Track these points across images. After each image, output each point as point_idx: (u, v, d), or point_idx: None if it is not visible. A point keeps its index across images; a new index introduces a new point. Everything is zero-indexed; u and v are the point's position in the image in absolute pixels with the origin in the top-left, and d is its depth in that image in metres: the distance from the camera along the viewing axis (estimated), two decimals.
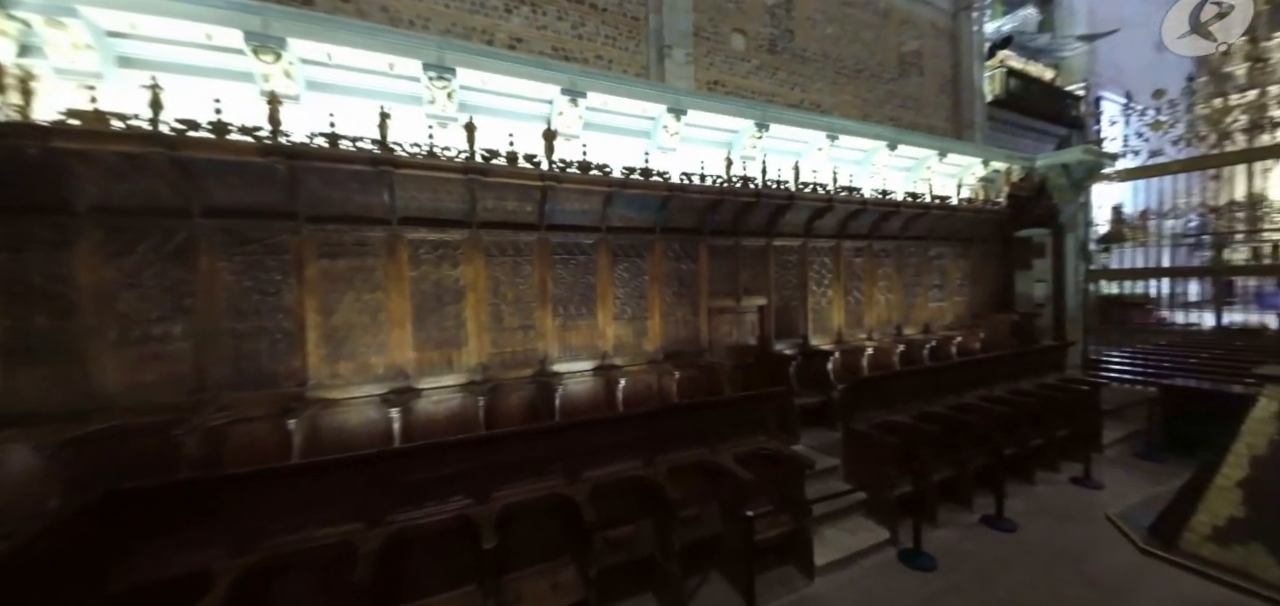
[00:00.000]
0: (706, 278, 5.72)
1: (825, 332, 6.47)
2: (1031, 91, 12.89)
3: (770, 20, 9.61)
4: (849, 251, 6.63)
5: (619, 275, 5.23)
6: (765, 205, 5.69)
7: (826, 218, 6.16)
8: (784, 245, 6.26)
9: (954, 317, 7.39)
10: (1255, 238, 8.06)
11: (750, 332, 6.12)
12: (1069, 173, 7.24)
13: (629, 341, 5.24)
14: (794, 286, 6.32)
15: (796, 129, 6.53)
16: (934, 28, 12.69)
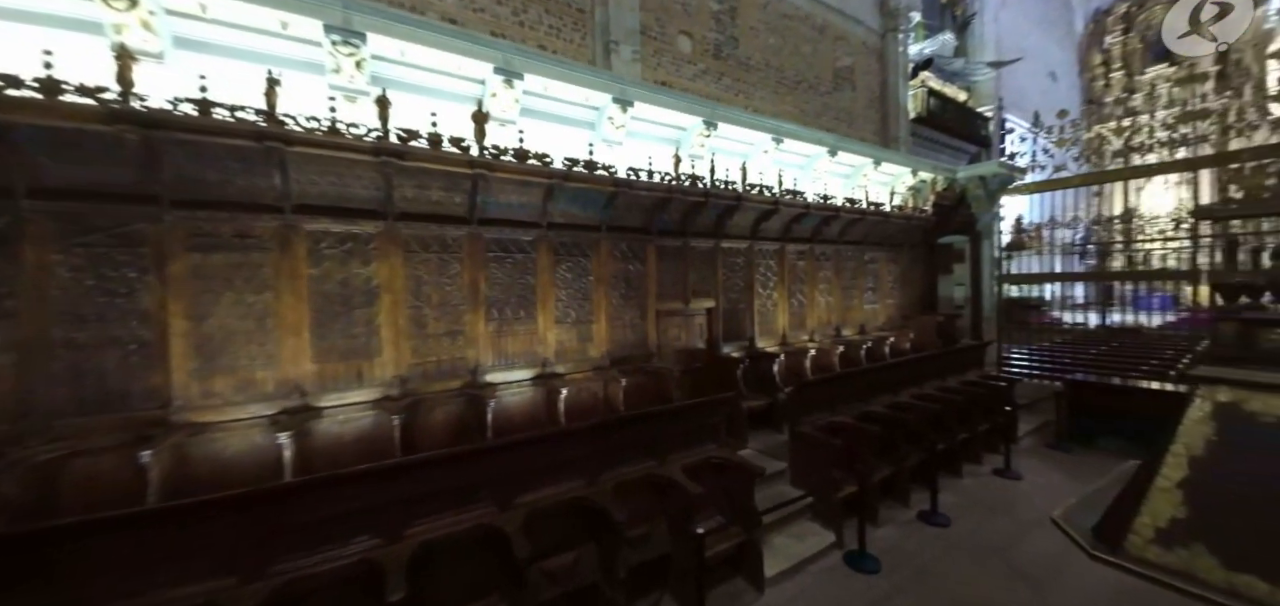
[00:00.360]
0: (655, 279, 5.47)
1: (770, 335, 6.44)
2: (948, 110, 13.93)
3: (716, 25, 9.60)
4: (793, 254, 6.65)
5: (562, 275, 4.83)
6: (714, 205, 5.53)
7: (772, 220, 6.13)
8: (731, 247, 6.15)
9: (886, 319, 7.67)
10: (1129, 247, 9.09)
11: (699, 336, 5.94)
12: (986, 184, 7.75)
13: (572, 347, 4.86)
14: (741, 289, 6.23)
15: (743, 130, 6.46)
16: (865, 46, 13.34)
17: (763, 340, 6.31)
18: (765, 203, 5.86)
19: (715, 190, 5.44)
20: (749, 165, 6.05)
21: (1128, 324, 11.48)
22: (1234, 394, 2.15)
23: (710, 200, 5.35)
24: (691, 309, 5.81)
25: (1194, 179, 7.87)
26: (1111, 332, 11.38)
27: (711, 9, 9.52)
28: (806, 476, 4.63)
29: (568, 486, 3.32)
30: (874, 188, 7.75)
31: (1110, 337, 11.04)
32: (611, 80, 5.67)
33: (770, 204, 5.88)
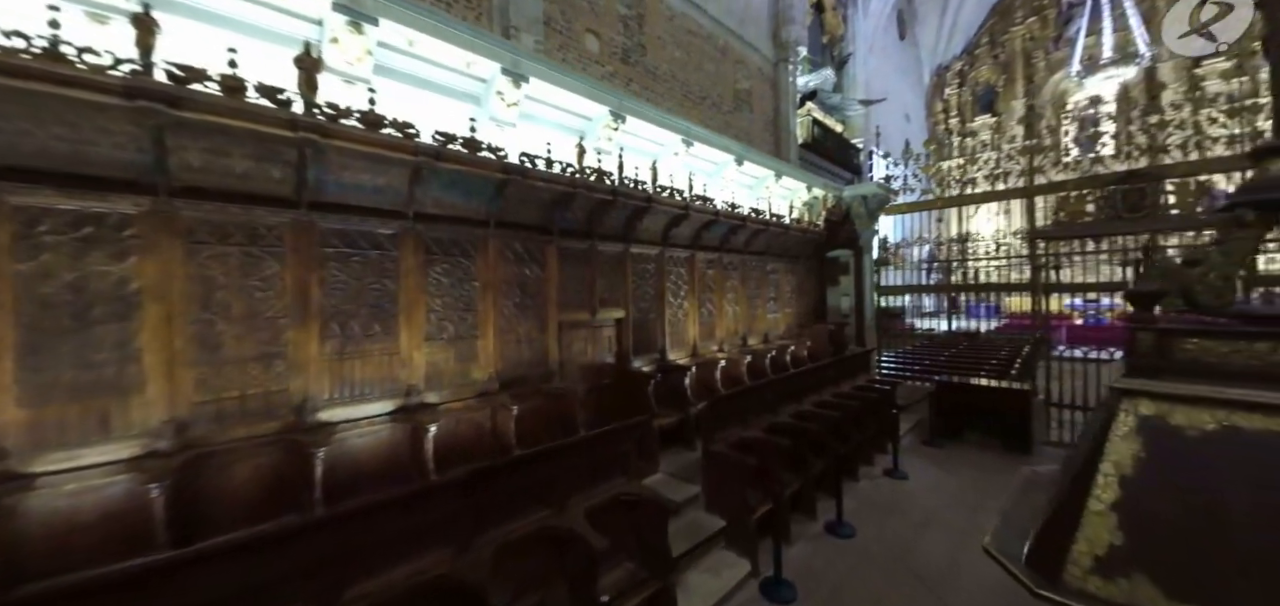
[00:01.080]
0: (556, 286, 4.69)
1: (681, 346, 6.00)
2: (829, 139, 15.14)
3: (624, 30, 9.16)
4: (703, 263, 6.33)
5: (436, 280, 3.84)
6: (623, 206, 4.94)
7: (683, 226, 5.72)
8: (642, 253, 5.61)
9: (786, 328, 7.74)
10: (964, 264, 10.44)
11: (608, 350, 5.28)
12: (867, 203, 8.25)
13: (450, 369, 3.88)
14: (652, 298, 5.71)
15: (653, 129, 6.00)
16: (760, 73, 13.93)
17: (674, 352, 5.85)
18: (676, 207, 5.42)
19: (624, 188, 4.86)
20: (659, 168, 5.59)
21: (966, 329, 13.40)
22: (1157, 407, 2.01)
23: (619, 199, 4.75)
24: (599, 320, 5.14)
25: (1008, 207, 9.16)
26: (957, 337, 13.16)
27: (619, 12, 9.08)
28: (721, 499, 4.20)
29: (430, 559, 2.42)
30: (775, 201, 7.82)
31: (957, 341, 12.71)
32: (500, 46, 4.81)
33: (681, 208, 5.45)
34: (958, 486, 5.50)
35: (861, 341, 8.30)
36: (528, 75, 4.85)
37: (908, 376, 8.32)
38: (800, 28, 14.25)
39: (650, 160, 5.60)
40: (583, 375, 4.91)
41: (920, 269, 10.22)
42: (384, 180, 3.54)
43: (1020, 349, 11.29)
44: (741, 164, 7.06)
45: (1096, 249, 6.55)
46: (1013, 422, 6.37)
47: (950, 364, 8.70)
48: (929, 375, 8.00)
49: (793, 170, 8.46)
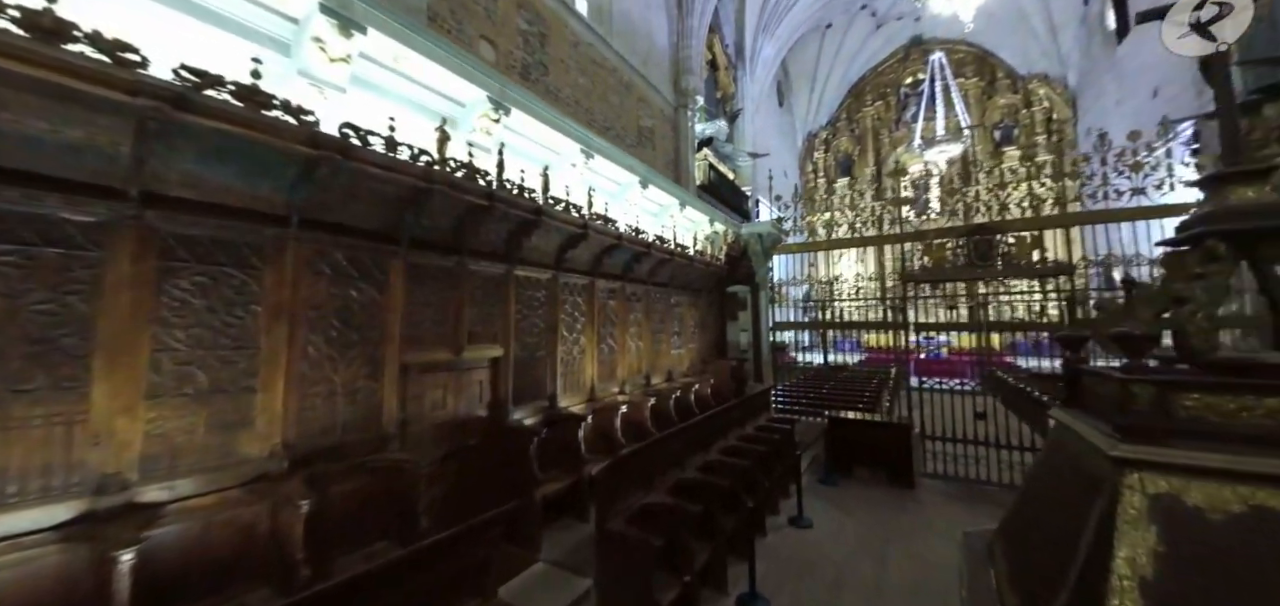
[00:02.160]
0: (402, 314, 3.39)
1: (576, 390, 4.97)
2: (724, 184, 15.68)
3: (524, 45, 8.23)
4: (603, 292, 5.44)
5: (180, 301, 2.36)
6: (504, 215, 3.86)
7: (581, 248, 4.78)
8: (530, 277, 4.53)
9: (690, 364, 7.16)
10: (832, 303, 11.17)
11: (478, 399, 4.03)
12: (762, 241, 8.21)
13: (196, 443, 2.37)
14: (542, 332, 4.62)
15: (548, 133, 5.03)
16: (663, 115, 13.95)
17: (567, 397, 4.79)
18: (573, 224, 4.49)
19: (506, 194, 3.80)
20: (554, 179, 4.64)
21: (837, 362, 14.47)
22: (1169, 482, 1.54)
23: (496, 206, 3.66)
24: (468, 360, 3.90)
25: (864, 254, 9.90)
26: (833, 369, 14.08)
27: (520, 26, 8.15)
28: (620, 593, 3.19)
29: None
30: (679, 231, 7.33)
31: (833, 374, 13.54)
32: None
33: (579, 226, 4.53)
34: (859, 531, 5.18)
35: (759, 377, 8.08)
36: (363, 24, 3.59)
37: (799, 410, 8.26)
38: (698, 78, 14.67)
39: (544, 166, 4.63)
40: (438, 436, 3.61)
41: (799, 307, 10.63)
42: (82, 132, 2.06)
43: (885, 380, 12.36)
44: (646, 187, 6.44)
45: (932, 293, 7.38)
46: (896, 457, 6.42)
47: (833, 397, 8.93)
48: (818, 409, 8.01)
49: (696, 203, 8.12)
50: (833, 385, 11.26)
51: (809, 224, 9.60)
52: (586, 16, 10.91)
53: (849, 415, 7.27)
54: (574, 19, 9.73)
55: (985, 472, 6.24)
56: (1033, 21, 17.07)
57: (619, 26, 11.88)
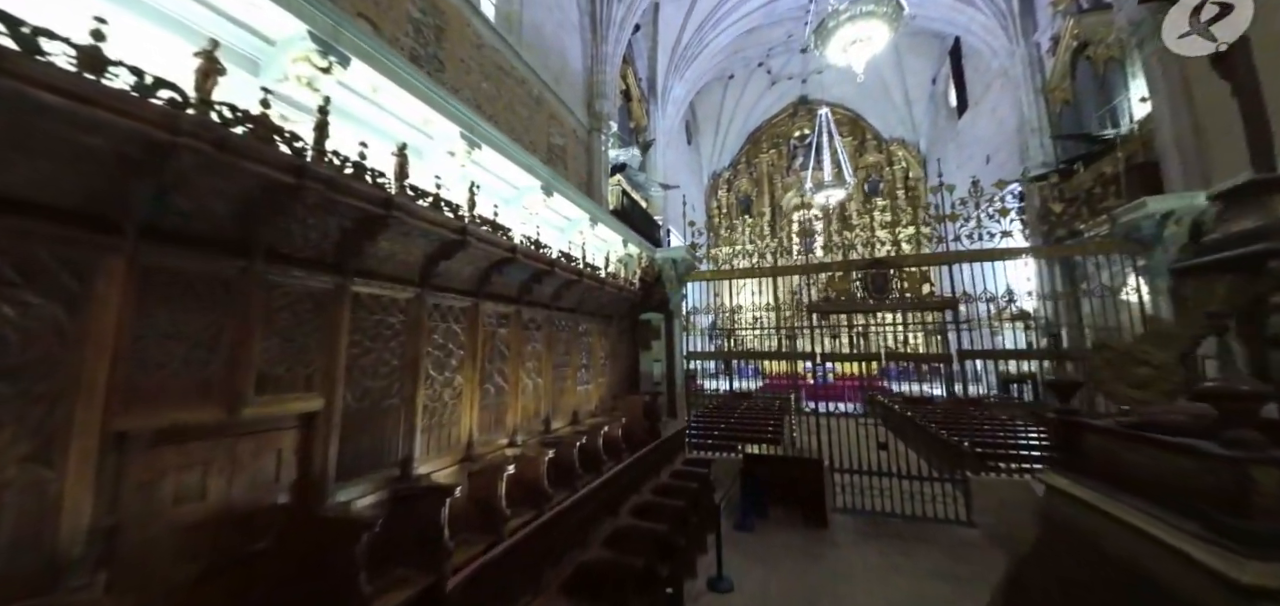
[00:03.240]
0: (115, 349, 1.95)
1: (446, 448, 3.68)
2: (636, 211, 15.28)
3: (415, 34, 6.91)
4: (492, 317, 4.26)
5: None
6: (329, 203, 2.59)
7: (459, 260, 3.60)
8: (380, 295, 3.23)
9: (599, 401, 6.16)
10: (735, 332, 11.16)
11: (274, 478, 2.60)
12: (676, 267, 7.67)
13: None
14: (395, 370, 3.31)
15: (411, 104, 3.78)
16: (575, 136, 13.19)
17: (430, 460, 3.48)
18: (447, 227, 3.31)
19: (332, 171, 2.55)
20: (425, 169, 3.45)
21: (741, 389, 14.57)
22: None
23: (310, 186, 2.40)
24: (256, 419, 2.49)
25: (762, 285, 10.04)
26: (737, 397, 14.09)
27: (410, 11, 6.84)
28: None
29: None
30: (590, 250, 6.41)
31: (738, 401, 13.49)
32: None
33: (454, 231, 3.37)
34: (783, 589, 4.57)
35: (673, 411, 7.36)
36: None
37: (713, 443, 7.69)
38: (613, 104, 14.25)
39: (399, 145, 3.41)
40: (190, 545, 2.15)
41: (706, 334, 10.38)
42: None
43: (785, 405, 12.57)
44: (550, 196, 5.42)
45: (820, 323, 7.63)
46: (810, 494, 6.06)
47: (743, 427, 8.59)
48: (730, 443, 7.51)
49: (610, 220, 7.28)
50: (740, 414, 11.09)
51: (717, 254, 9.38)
52: (494, 22, 9.86)
53: (762, 450, 6.86)
54: (479, 20, 8.63)
55: (890, 504, 6.14)
56: (893, 94, 19.88)
57: (530, 38, 10.97)
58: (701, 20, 17.29)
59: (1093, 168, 9.64)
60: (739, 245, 7.41)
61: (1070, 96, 10.81)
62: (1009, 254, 5.74)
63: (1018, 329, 12.15)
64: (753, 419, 9.91)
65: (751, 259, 7.48)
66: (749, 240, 18.58)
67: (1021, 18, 12.51)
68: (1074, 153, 10.13)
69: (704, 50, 17.95)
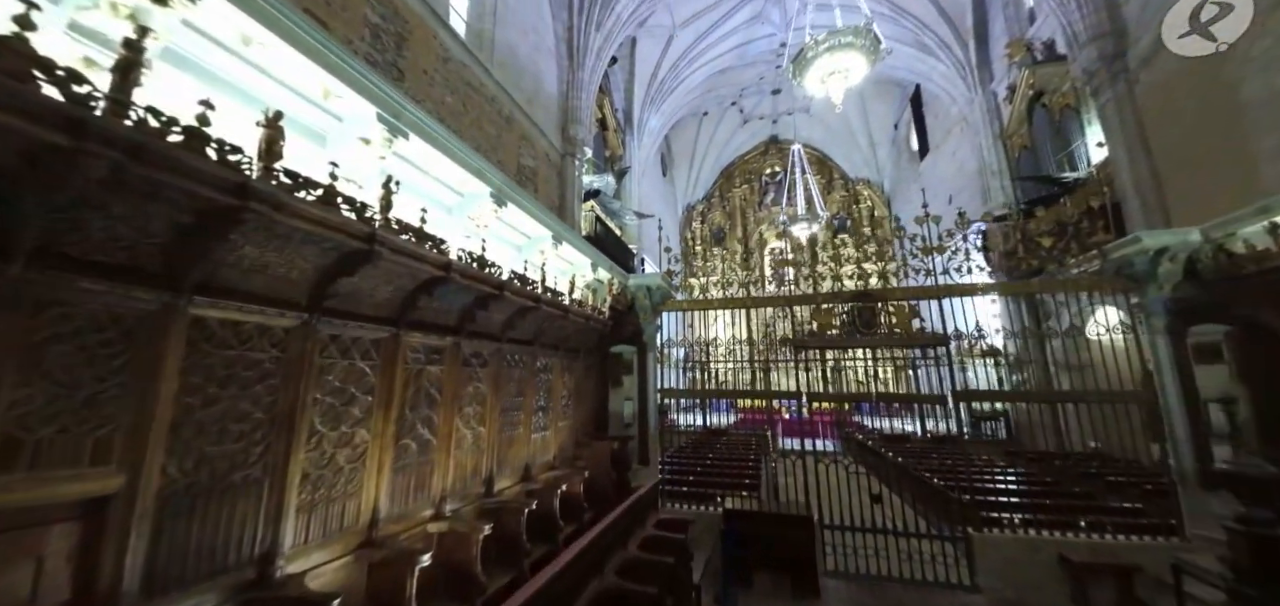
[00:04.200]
0: None
1: (337, 534, 2.67)
2: (610, 238, 14.62)
3: (373, 40, 6.17)
4: (419, 352, 3.32)
5: None
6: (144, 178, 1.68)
7: (365, 275, 2.69)
8: (237, 321, 2.29)
9: (558, 450, 5.20)
10: (709, 364, 10.45)
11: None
12: (651, 295, 6.93)
13: None
14: (257, 426, 2.34)
15: (311, 71, 2.90)
16: (548, 159, 12.58)
17: (307, 553, 2.47)
18: (346, 230, 2.42)
19: (148, 134, 1.65)
20: (335, 158, 2.57)
21: (717, 424, 13.78)
22: None
23: (92, 151, 1.50)
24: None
25: (735, 317, 9.47)
26: (710, 433, 13.24)
27: (368, 16, 6.12)
28: None
29: None
30: (552, 272, 5.56)
31: (711, 439, 12.63)
32: None
33: (361, 236, 2.48)
34: None
35: (645, 457, 6.43)
36: None
37: (687, 492, 6.77)
38: (588, 129, 13.76)
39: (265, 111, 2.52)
40: None
41: (680, 367, 9.66)
42: None
43: (762, 443, 11.81)
44: (503, 205, 4.57)
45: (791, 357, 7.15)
46: (799, 556, 5.22)
47: (719, 471, 7.74)
48: (707, 493, 6.59)
49: (577, 240, 6.44)
50: (716, 454, 10.24)
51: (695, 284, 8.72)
52: (464, 37, 9.23)
53: (742, 502, 6.00)
54: (446, 33, 7.99)
55: (887, 566, 5.37)
56: (858, 137, 20.41)
57: (502, 57, 10.38)
58: (677, 57, 17.32)
59: (1053, 209, 9.72)
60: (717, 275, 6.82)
61: (1028, 141, 11.08)
62: (1007, 289, 5.33)
63: (988, 365, 12.04)
64: (730, 460, 9.09)
65: (730, 288, 6.85)
66: (728, 269, 18.26)
67: (979, 68, 12.97)
68: (1035, 194, 10.25)
69: (680, 85, 17.93)
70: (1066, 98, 10.00)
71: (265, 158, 2.09)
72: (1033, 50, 11.01)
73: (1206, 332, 4.57)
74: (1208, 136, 6.94)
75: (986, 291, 5.50)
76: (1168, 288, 4.62)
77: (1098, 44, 8.54)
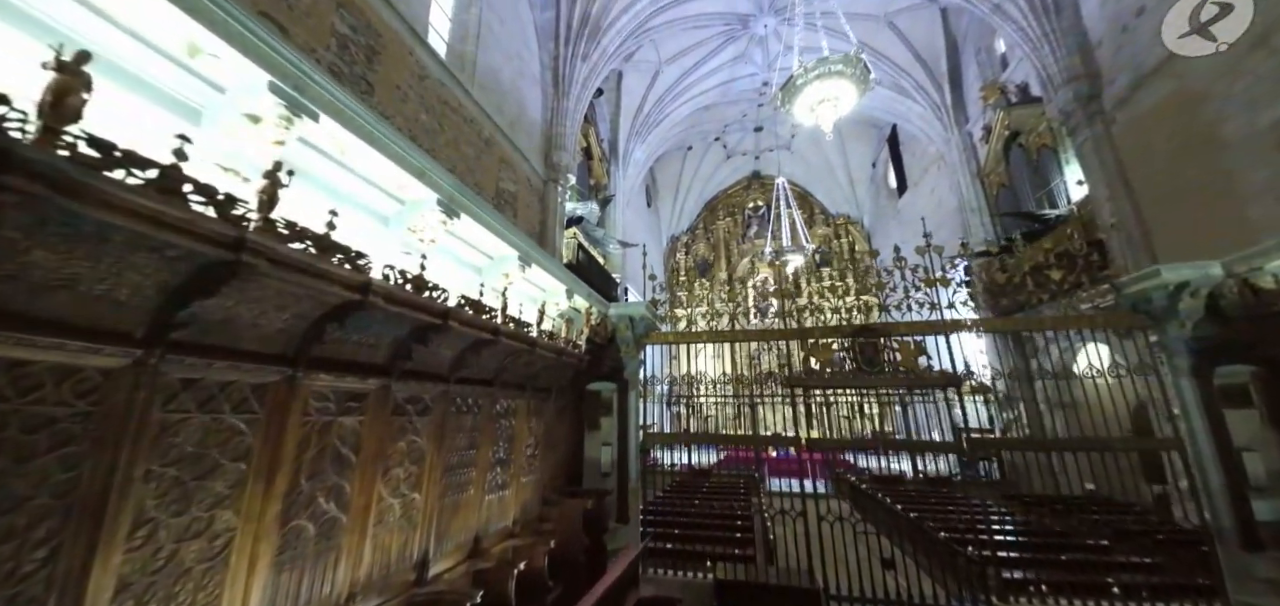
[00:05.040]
0: None
1: None
2: (593, 266, 14.02)
3: (340, 51, 5.62)
4: (329, 400, 2.52)
5: None
6: None
7: (237, 294, 1.93)
8: (14, 358, 1.48)
9: (518, 511, 4.33)
10: (691, 400, 9.70)
11: None
12: (634, 326, 6.25)
13: None
14: (48, 517, 1.51)
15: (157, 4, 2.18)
16: (529, 184, 12.09)
17: None
18: (204, 236, 1.68)
19: None
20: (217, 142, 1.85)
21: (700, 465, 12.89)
22: None
23: None
24: None
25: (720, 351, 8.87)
26: (696, 474, 12.32)
27: (337, 26, 5.59)
28: None
29: None
30: (517, 299, 4.81)
31: (697, 480, 11.73)
32: None
33: (224, 241, 1.74)
34: None
35: (625, 513, 5.57)
36: None
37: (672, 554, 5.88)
38: (572, 156, 13.35)
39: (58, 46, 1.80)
40: None
41: (662, 402, 8.97)
42: None
43: (751, 484, 10.95)
44: (455, 218, 3.82)
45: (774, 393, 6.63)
46: None
47: (706, 525, 6.88)
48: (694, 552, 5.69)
49: (551, 263, 5.69)
50: (702, 498, 9.37)
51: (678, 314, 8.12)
52: (444, 57, 8.78)
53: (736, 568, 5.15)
54: (423, 50, 7.52)
55: None
56: (837, 174, 20.65)
57: (483, 80, 9.95)
58: (662, 93, 17.33)
59: (1036, 244, 9.59)
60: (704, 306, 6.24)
61: (1006, 180, 11.11)
62: (1017, 324, 4.86)
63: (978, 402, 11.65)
64: (718, 507, 8.23)
65: (720, 320, 6.24)
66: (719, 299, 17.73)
67: (954, 109, 13.18)
68: (1016, 230, 10.13)
69: (665, 119, 17.89)
70: (1043, 138, 10.05)
71: (51, 115, 1.37)
72: (1007, 93, 11.18)
73: (1232, 374, 4.14)
74: (1190, 173, 6.85)
75: (1000, 328, 5.01)
76: (1189, 325, 4.21)
77: (1073, 86, 8.60)
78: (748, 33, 15.19)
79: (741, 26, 15.04)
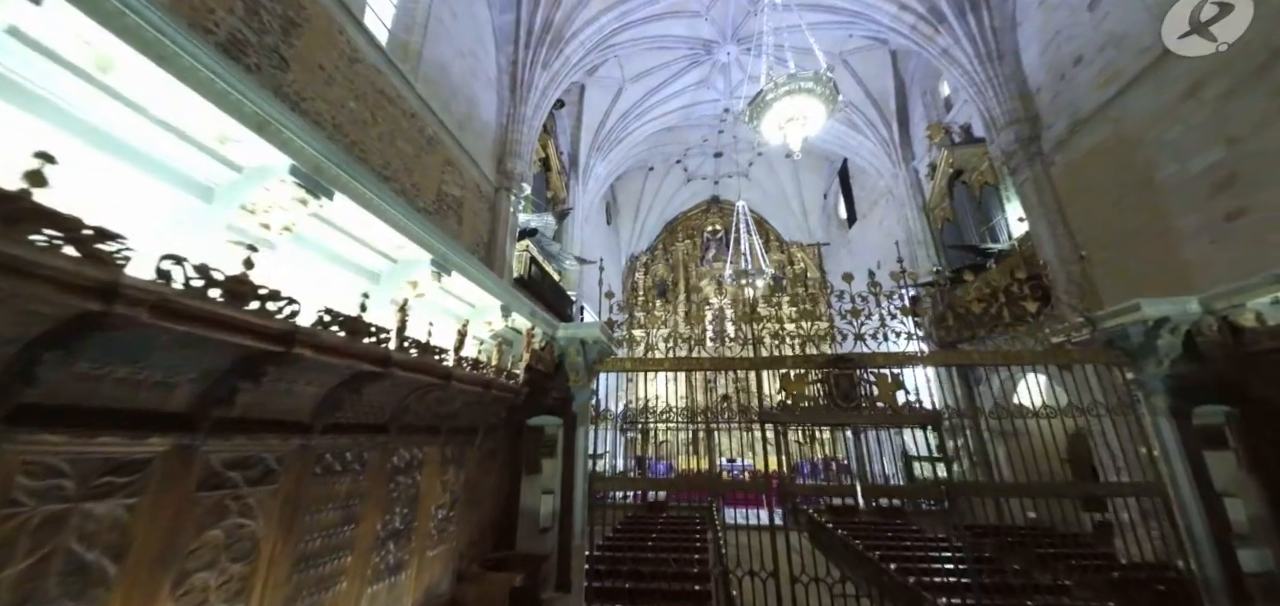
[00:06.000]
0: None
1: None
2: (546, 282, 13.01)
3: (246, 14, 4.48)
4: (64, 478, 1.45)
5: None
6: None
7: None
8: None
9: (420, 597, 3.24)
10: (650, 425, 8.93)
11: None
12: (586, 351, 5.38)
13: None
14: None
15: None
16: (478, 189, 11.00)
17: None
18: None
19: None
20: None
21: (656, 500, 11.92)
22: None
23: None
24: None
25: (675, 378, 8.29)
26: (649, 509, 11.37)
27: None
28: None
29: None
30: (433, 316, 3.77)
31: (650, 516, 10.77)
32: None
33: None
34: None
35: (567, 580, 4.56)
36: None
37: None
38: (527, 165, 12.38)
39: None
40: None
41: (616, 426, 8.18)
42: None
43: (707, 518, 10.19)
44: (325, 197, 2.65)
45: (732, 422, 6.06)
46: None
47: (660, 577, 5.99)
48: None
49: (480, 272, 4.55)
50: (656, 540, 8.47)
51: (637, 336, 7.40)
52: (385, 44, 7.70)
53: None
54: (357, 31, 6.45)
55: None
56: (791, 203, 21.12)
57: (430, 74, 8.88)
58: (626, 110, 16.90)
59: (982, 276, 9.86)
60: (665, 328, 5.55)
61: (950, 215, 11.52)
62: (1019, 356, 4.55)
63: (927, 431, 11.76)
64: (673, 550, 7.36)
65: (683, 346, 5.53)
66: (682, 323, 17.10)
67: (902, 146, 13.71)
68: (961, 262, 10.41)
69: (627, 136, 17.44)
70: (985, 175, 10.48)
71: None
72: (950, 133, 11.70)
73: (1208, 414, 3.98)
74: (1125, 215, 7.14)
75: (974, 362, 4.68)
76: (1166, 363, 4.03)
77: (1014, 128, 8.98)
78: (711, 59, 15.15)
79: (705, 52, 14.97)
